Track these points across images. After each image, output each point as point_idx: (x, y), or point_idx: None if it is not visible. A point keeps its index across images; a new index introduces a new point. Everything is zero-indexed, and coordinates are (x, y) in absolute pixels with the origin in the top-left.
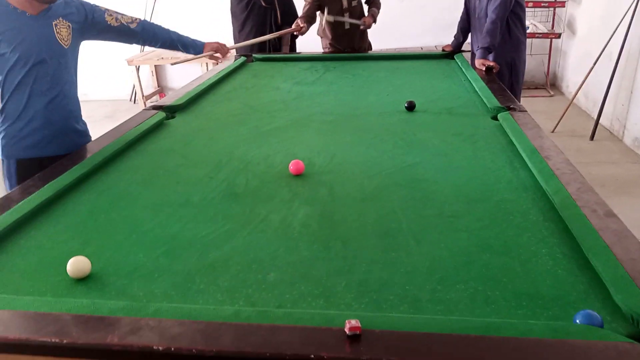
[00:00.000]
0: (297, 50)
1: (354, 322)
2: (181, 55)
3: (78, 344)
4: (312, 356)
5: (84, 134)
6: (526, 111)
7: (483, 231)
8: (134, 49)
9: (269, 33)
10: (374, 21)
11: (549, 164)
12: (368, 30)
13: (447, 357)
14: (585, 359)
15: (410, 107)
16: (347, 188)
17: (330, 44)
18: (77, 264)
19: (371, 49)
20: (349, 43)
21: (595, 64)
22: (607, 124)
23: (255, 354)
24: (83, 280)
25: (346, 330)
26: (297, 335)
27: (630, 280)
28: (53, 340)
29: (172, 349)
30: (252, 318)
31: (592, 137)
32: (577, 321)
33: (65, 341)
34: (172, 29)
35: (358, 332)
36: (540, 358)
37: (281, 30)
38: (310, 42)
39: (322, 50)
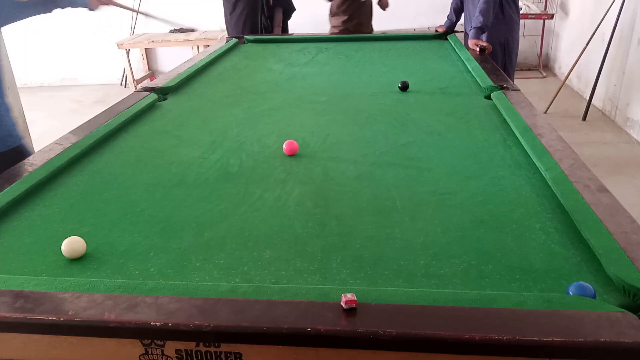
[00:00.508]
0: (290, 32)
1: (350, 296)
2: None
3: (75, 321)
4: (309, 329)
5: (10, 131)
6: (519, 90)
7: (477, 207)
8: (124, 32)
9: (261, 15)
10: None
11: (541, 141)
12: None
13: (442, 328)
14: (578, 327)
15: (404, 87)
16: (341, 167)
17: (342, 22)
18: (71, 244)
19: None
20: (362, 19)
21: (587, 45)
22: (599, 104)
23: (253, 328)
24: (78, 260)
25: (342, 303)
26: (293, 309)
27: (622, 252)
28: (50, 318)
29: (170, 324)
30: (248, 293)
31: (584, 118)
32: (570, 292)
33: (62, 319)
34: (164, 11)
35: (354, 305)
36: (533, 327)
37: (274, 12)
38: (302, 24)
39: (313, 32)
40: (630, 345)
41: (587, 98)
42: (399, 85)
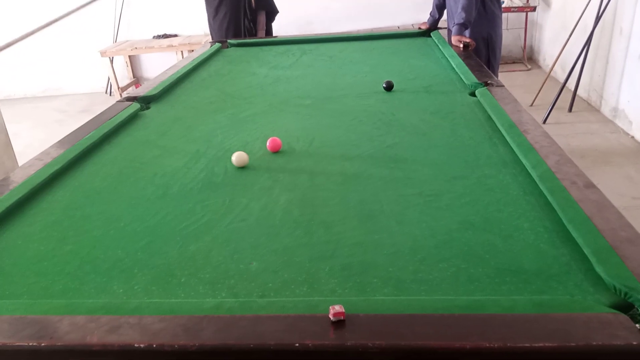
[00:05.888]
0: (274, 34)
1: (338, 308)
2: None
3: (56, 346)
4: (297, 344)
5: None
6: (503, 86)
7: (464, 208)
8: (107, 40)
9: (244, 18)
10: None
11: (527, 138)
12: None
13: (432, 338)
14: (569, 331)
15: (389, 87)
16: (327, 172)
17: None
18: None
19: None
20: None
21: (570, 35)
22: (584, 95)
23: (238, 345)
24: (60, 279)
25: (330, 316)
26: (280, 324)
27: (611, 250)
28: (30, 344)
29: (154, 345)
30: (234, 309)
31: (570, 109)
32: None
33: (43, 344)
34: (148, 16)
35: (342, 317)
36: (524, 333)
37: (257, 15)
38: (286, 25)
39: (296, 34)
40: (622, 348)
41: (572, 89)
42: (384, 85)
